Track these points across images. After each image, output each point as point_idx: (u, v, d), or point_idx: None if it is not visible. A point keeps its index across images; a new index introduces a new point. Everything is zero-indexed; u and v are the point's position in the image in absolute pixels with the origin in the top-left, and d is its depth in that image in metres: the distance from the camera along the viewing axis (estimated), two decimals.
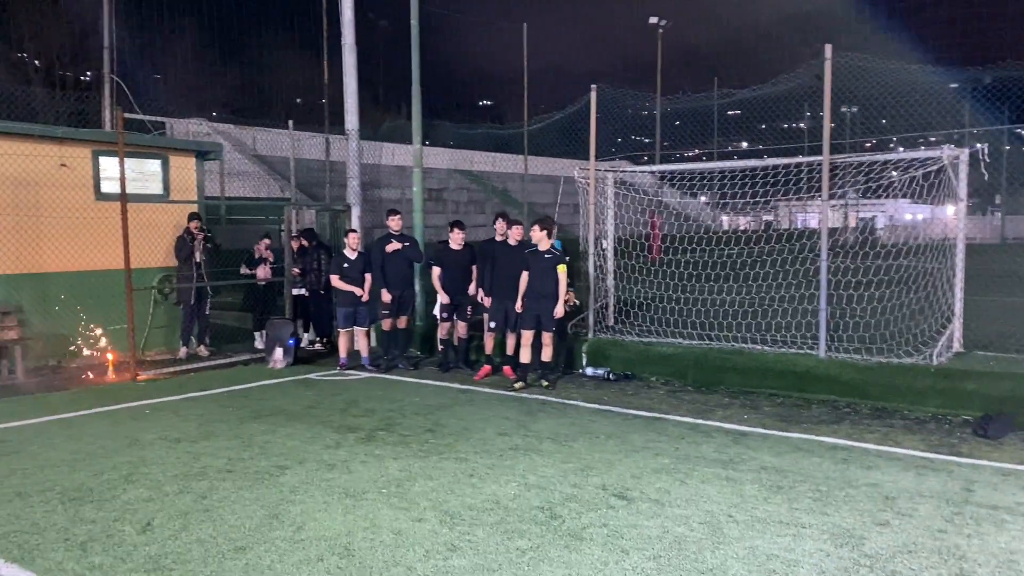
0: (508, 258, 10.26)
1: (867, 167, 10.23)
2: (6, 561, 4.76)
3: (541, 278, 9.71)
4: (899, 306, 10.10)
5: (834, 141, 35.97)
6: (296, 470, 6.50)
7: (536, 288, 9.74)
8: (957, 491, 5.97)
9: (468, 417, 8.37)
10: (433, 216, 27.76)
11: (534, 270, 9.76)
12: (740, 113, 50.25)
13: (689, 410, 8.69)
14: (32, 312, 10.91)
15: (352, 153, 13.16)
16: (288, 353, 11.45)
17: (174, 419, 8.31)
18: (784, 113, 43.44)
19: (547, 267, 9.70)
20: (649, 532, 5.16)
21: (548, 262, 9.71)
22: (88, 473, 6.45)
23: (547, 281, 9.68)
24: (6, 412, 8.64)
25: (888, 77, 30.09)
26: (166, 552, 4.87)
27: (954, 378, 8.45)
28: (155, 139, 14.04)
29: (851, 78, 31.41)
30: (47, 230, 11.08)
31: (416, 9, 12.73)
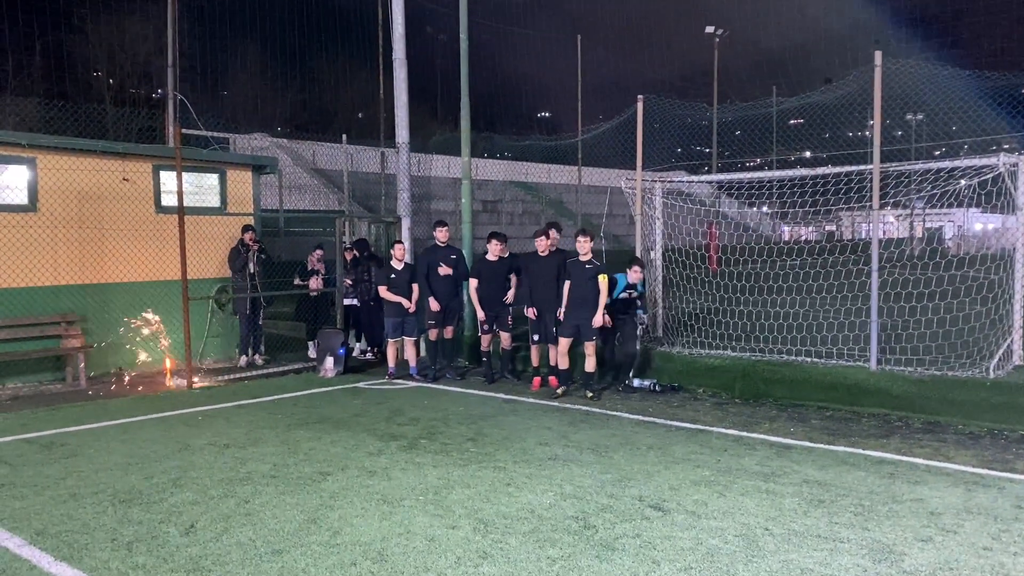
0: (543, 269, 10.29)
1: (928, 175, 9.99)
2: (55, 559, 4.96)
3: (581, 287, 9.74)
4: (959, 319, 9.82)
5: (900, 147, 35.12)
6: (337, 476, 6.62)
7: (576, 297, 9.77)
8: (1007, 508, 5.78)
9: (510, 427, 8.41)
10: (487, 227, 27.94)
11: (575, 279, 9.80)
12: (803, 122, 49.50)
13: (734, 422, 8.58)
14: (94, 321, 11.32)
15: (403, 166, 13.35)
16: (338, 362, 11.66)
17: (224, 425, 8.54)
18: (848, 121, 42.63)
19: (588, 277, 9.73)
20: (682, 544, 5.12)
21: (588, 272, 9.74)
22: (139, 476, 6.67)
23: (587, 290, 9.70)
24: (68, 417, 8.99)
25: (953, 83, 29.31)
26: (207, 554, 5.02)
27: (1011, 392, 8.19)
28: (212, 154, 14.46)
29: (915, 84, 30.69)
30: (109, 242, 11.51)
31: (465, 24, 12.90)
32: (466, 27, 12.99)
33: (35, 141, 11.10)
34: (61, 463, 7.12)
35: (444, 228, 11.45)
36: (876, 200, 9.11)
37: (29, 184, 10.83)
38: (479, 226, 27.80)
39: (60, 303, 11.11)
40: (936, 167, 9.16)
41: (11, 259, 10.56)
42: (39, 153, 10.88)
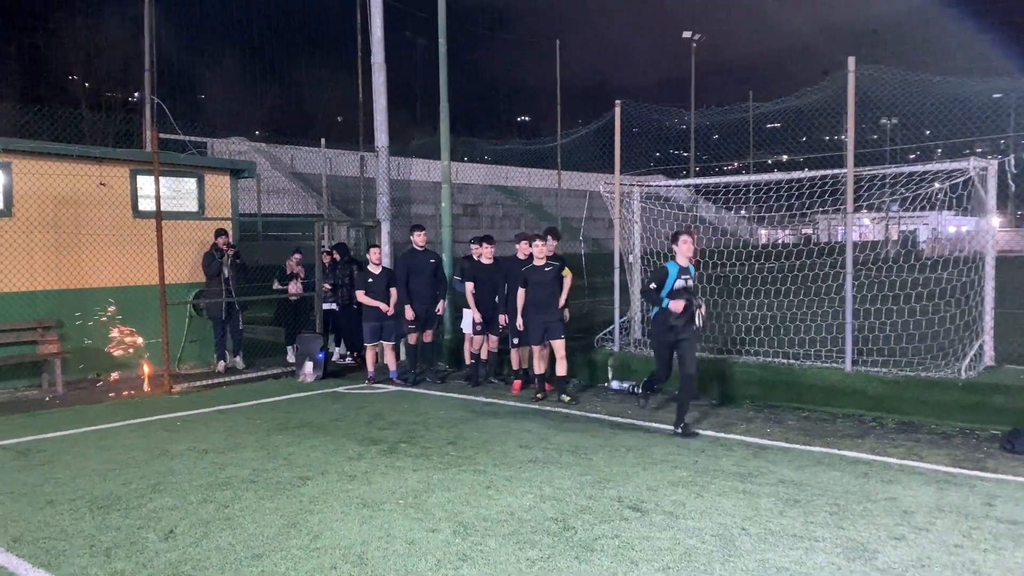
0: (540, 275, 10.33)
1: (901, 179, 10.12)
2: (33, 566, 4.94)
3: (544, 290, 9.82)
4: (934, 320, 9.94)
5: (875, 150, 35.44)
6: (317, 481, 6.63)
7: (540, 300, 9.84)
8: (978, 506, 5.89)
9: (490, 430, 8.44)
10: (468, 231, 27.99)
11: (534, 284, 9.88)
12: (780, 126, 49.94)
13: (712, 424, 8.67)
14: (71, 326, 11.24)
15: (382, 170, 13.36)
16: (318, 367, 11.65)
17: (204, 431, 8.51)
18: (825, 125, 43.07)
19: (548, 279, 9.83)
20: (660, 544, 5.18)
21: (550, 274, 9.85)
22: (117, 482, 6.64)
23: (549, 293, 9.80)
24: (45, 423, 8.93)
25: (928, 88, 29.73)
26: (186, 559, 5.01)
27: (982, 392, 8.33)
28: (190, 158, 14.39)
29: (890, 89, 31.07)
30: (86, 247, 11.44)
31: (443, 29, 12.94)
32: (444, 32, 13.04)
33: (10, 145, 11.00)
34: (38, 469, 7.07)
35: (422, 232, 11.44)
36: (850, 203, 9.24)
37: (4, 189, 10.74)
38: (459, 229, 27.82)
39: (36, 309, 11.02)
40: (908, 171, 9.31)
41: None
42: (14, 158, 10.80)
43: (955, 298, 9.87)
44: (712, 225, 35.67)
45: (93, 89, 41.51)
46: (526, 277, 9.99)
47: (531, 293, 9.95)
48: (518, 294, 10.01)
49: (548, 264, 9.97)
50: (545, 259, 9.99)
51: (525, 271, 10.04)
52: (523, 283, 10.00)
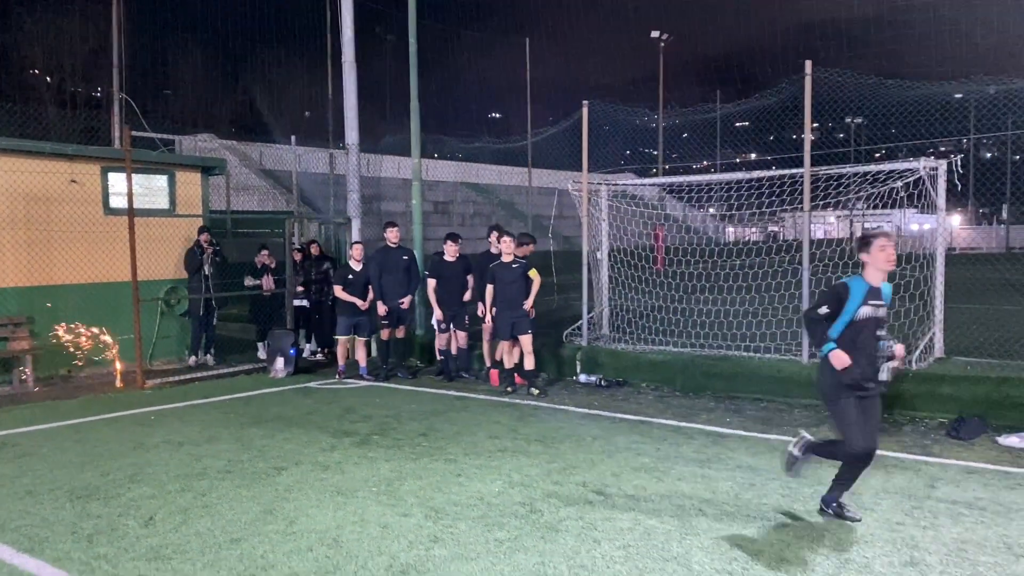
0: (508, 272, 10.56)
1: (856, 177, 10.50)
2: (17, 551, 5.09)
3: (510, 288, 10.08)
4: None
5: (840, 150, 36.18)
6: (292, 471, 6.82)
7: (507, 298, 10.11)
8: (921, 488, 6.24)
9: (461, 422, 8.68)
10: (438, 228, 28.15)
11: (501, 281, 10.14)
12: (749, 124, 50.71)
13: (675, 414, 8.98)
14: (42, 323, 11.29)
15: (352, 167, 13.53)
16: (289, 363, 11.80)
17: (178, 424, 8.65)
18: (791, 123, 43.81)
19: (515, 277, 10.09)
20: (622, 524, 5.46)
21: (515, 272, 10.10)
22: (95, 473, 6.79)
23: (516, 290, 10.06)
24: (18, 418, 9.01)
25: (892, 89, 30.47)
26: (166, 543, 5.20)
27: (930, 382, 8.72)
28: (161, 155, 14.46)
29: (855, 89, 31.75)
30: (58, 244, 11.48)
31: (414, 29, 13.13)
32: (415, 32, 13.23)
33: None
34: (15, 462, 7.19)
35: (395, 228, 11.62)
36: (807, 202, 9.60)
37: None
38: (430, 227, 27.94)
39: (7, 305, 11.06)
40: (863, 170, 9.69)
41: None
42: None
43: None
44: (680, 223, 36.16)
45: (57, 85, 41.07)
46: (493, 273, 10.24)
47: (498, 289, 10.21)
48: (487, 289, 10.27)
49: (515, 262, 10.24)
50: (512, 256, 10.25)
51: (493, 267, 10.30)
52: (491, 279, 10.26)
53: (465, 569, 4.74)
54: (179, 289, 12.64)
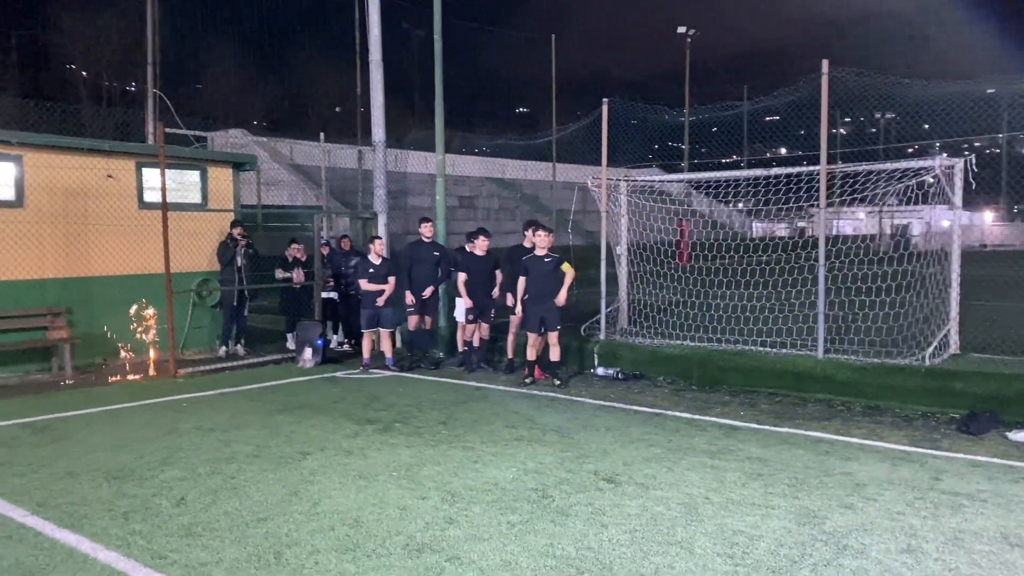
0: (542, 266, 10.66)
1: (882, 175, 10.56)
2: (58, 527, 5.43)
3: (543, 281, 10.26)
4: (911, 311, 10.37)
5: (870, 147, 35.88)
6: (317, 456, 7.12)
7: (538, 291, 10.30)
8: (925, 480, 6.39)
9: (480, 411, 8.94)
10: (464, 223, 28.44)
11: (534, 274, 10.33)
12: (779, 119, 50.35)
13: (689, 407, 9.17)
14: (79, 313, 11.71)
15: (379, 163, 13.82)
16: (317, 353, 12.13)
17: (209, 411, 9.00)
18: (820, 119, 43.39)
19: (547, 270, 10.27)
20: (630, 511, 5.68)
21: (548, 265, 10.28)
22: (130, 456, 7.14)
23: (548, 283, 10.24)
24: (57, 404, 9.41)
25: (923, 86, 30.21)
26: (197, 522, 5.51)
27: (943, 378, 8.83)
28: (194, 152, 14.87)
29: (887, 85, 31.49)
30: (94, 237, 11.90)
31: (439, 27, 13.38)
32: (440, 30, 13.48)
33: (23, 139, 11.46)
34: (55, 445, 7.56)
35: (429, 224, 11.98)
36: (823, 199, 9.72)
37: (16, 181, 11.20)
38: (456, 221, 28.26)
39: (46, 296, 11.49)
40: (879, 168, 9.78)
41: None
42: (26, 151, 11.25)
43: (925, 288, 10.37)
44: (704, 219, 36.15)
45: (92, 81, 41.88)
46: (526, 266, 10.44)
47: (530, 282, 10.41)
48: (519, 281, 10.45)
49: (548, 256, 10.41)
50: (546, 251, 10.43)
51: (526, 260, 10.50)
52: (523, 271, 10.44)
53: (477, 549, 5.00)
54: (211, 281, 13.03)
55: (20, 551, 5.02)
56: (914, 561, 4.82)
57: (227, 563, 4.80)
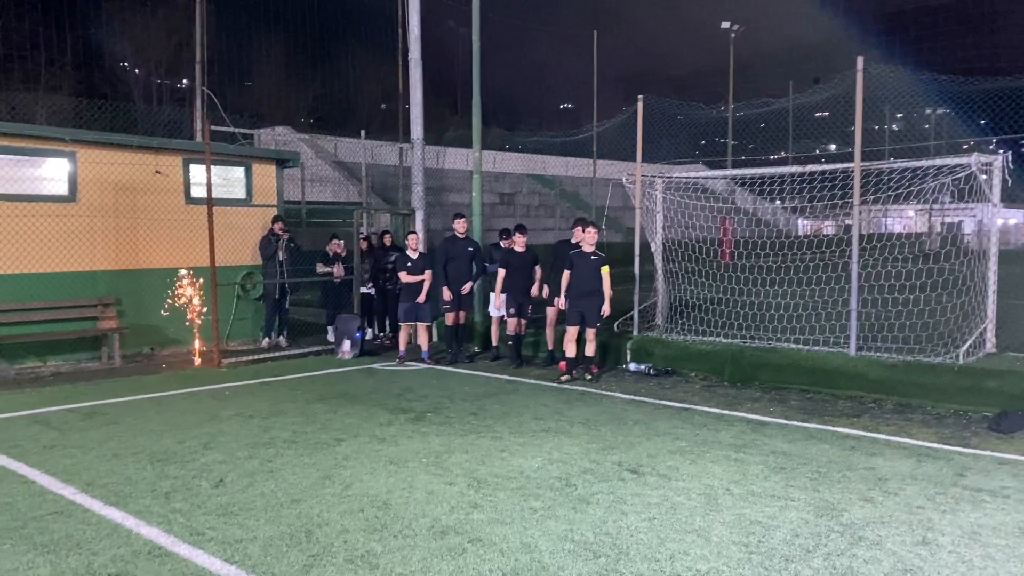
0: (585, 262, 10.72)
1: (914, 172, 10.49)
2: (105, 504, 5.73)
3: (587, 277, 10.38)
4: (948, 309, 10.30)
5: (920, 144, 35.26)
6: (350, 442, 7.37)
7: (581, 286, 10.42)
8: (949, 476, 6.42)
9: (510, 403, 9.12)
10: (503, 220, 28.62)
11: (580, 269, 10.44)
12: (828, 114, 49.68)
13: (719, 403, 9.24)
14: (128, 304, 12.15)
15: (417, 161, 14.07)
16: (355, 345, 12.43)
17: (249, 399, 9.32)
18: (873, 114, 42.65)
19: (592, 267, 10.37)
20: (650, 500, 5.82)
21: (593, 263, 10.38)
22: (173, 440, 7.46)
23: (592, 280, 10.34)
24: (106, 391, 9.82)
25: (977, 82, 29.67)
26: (234, 502, 5.77)
27: (976, 376, 8.78)
28: (239, 148, 15.28)
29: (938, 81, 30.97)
30: (142, 231, 12.33)
31: (477, 25, 13.57)
32: (478, 30, 13.67)
33: (76, 136, 11.93)
34: (102, 429, 7.92)
35: (463, 220, 12.20)
36: (857, 196, 9.70)
37: (70, 176, 11.66)
38: (496, 218, 28.48)
39: (97, 287, 11.94)
40: (914, 165, 9.74)
41: (53, 246, 11.39)
42: (80, 147, 11.71)
43: (963, 287, 10.29)
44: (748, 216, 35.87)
45: (143, 78, 42.94)
46: (572, 260, 10.55)
47: (574, 277, 10.53)
48: (564, 275, 10.57)
49: (594, 254, 10.51)
50: (593, 248, 10.52)
51: (572, 254, 10.63)
52: (569, 265, 10.56)
53: (499, 532, 5.18)
54: (254, 274, 13.41)
55: (70, 525, 5.33)
56: (928, 553, 4.89)
57: (261, 540, 5.05)
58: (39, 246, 11.27)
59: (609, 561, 4.74)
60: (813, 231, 42.30)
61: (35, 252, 11.24)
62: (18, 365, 11.19)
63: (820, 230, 43.60)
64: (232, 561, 4.75)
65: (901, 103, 44.04)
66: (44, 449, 7.19)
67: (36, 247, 11.24)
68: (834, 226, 46.92)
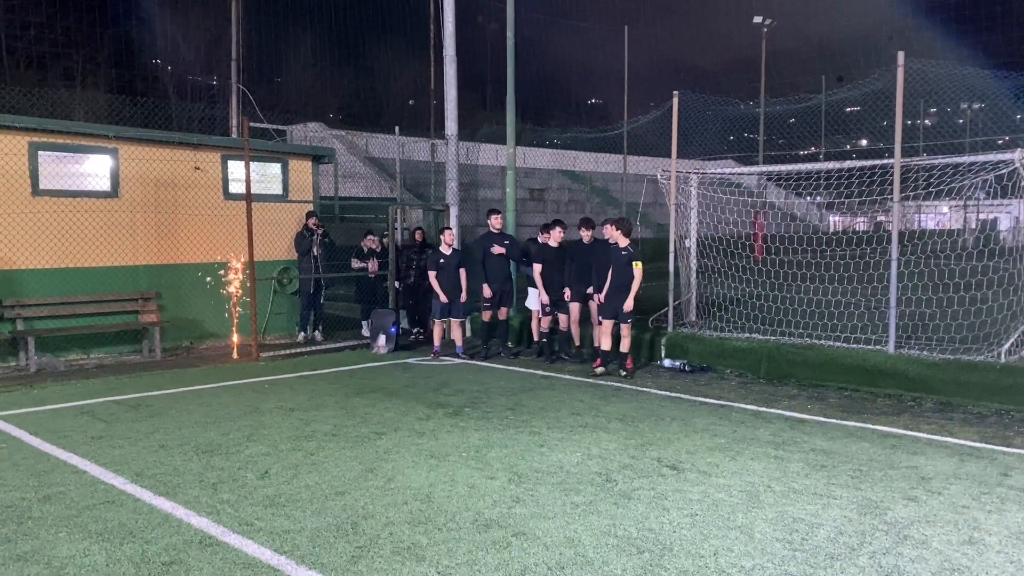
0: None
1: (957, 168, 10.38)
2: (155, 494, 5.86)
3: (618, 272, 10.39)
4: (991, 308, 10.18)
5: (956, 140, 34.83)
6: (391, 436, 7.46)
7: (614, 281, 10.43)
8: (994, 475, 6.36)
9: (547, 399, 9.17)
10: (534, 215, 28.67)
11: (616, 265, 10.45)
12: (860, 109, 49.12)
13: (756, 400, 9.22)
14: (168, 298, 12.35)
15: (451, 157, 14.14)
16: (390, 340, 12.53)
17: (289, 393, 9.45)
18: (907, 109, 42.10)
19: (624, 263, 10.37)
20: (691, 496, 5.83)
21: (624, 258, 10.39)
22: (217, 433, 7.59)
23: (623, 275, 10.36)
24: (149, 383, 10.00)
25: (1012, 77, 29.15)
26: (280, 493, 5.87)
27: (1019, 375, 8.67)
28: (276, 145, 15.46)
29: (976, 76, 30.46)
30: (182, 226, 12.52)
31: (512, 23, 13.60)
32: (512, 25, 13.70)
33: (119, 133, 12.13)
34: (148, 421, 8.08)
35: (498, 215, 12.25)
36: (897, 193, 9.61)
37: (112, 172, 11.86)
38: (526, 213, 28.48)
39: (138, 281, 12.14)
40: (955, 161, 9.63)
41: (96, 241, 11.60)
42: (122, 144, 11.91)
43: (1003, 286, 10.16)
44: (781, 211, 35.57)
45: (178, 77, 43.47)
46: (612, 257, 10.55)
47: (602, 271, 10.55)
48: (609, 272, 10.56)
49: (624, 249, 10.51)
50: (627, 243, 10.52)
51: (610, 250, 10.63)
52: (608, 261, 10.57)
53: (543, 526, 5.22)
54: (291, 269, 13.56)
55: (123, 515, 5.45)
56: (975, 553, 4.86)
57: (308, 531, 5.14)
58: (83, 241, 11.48)
59: (653, 556, 4.77)
60: (844, 227, 41.87)
61: (79, 247, 11.46)
62: (62, 357, 11.42)
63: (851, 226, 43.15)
64: (281, 551, 4.84)
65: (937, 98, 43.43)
66: (92, 440, 7.35)
67: (80, 242, 11.46)
68: (865, 222, 46.38)
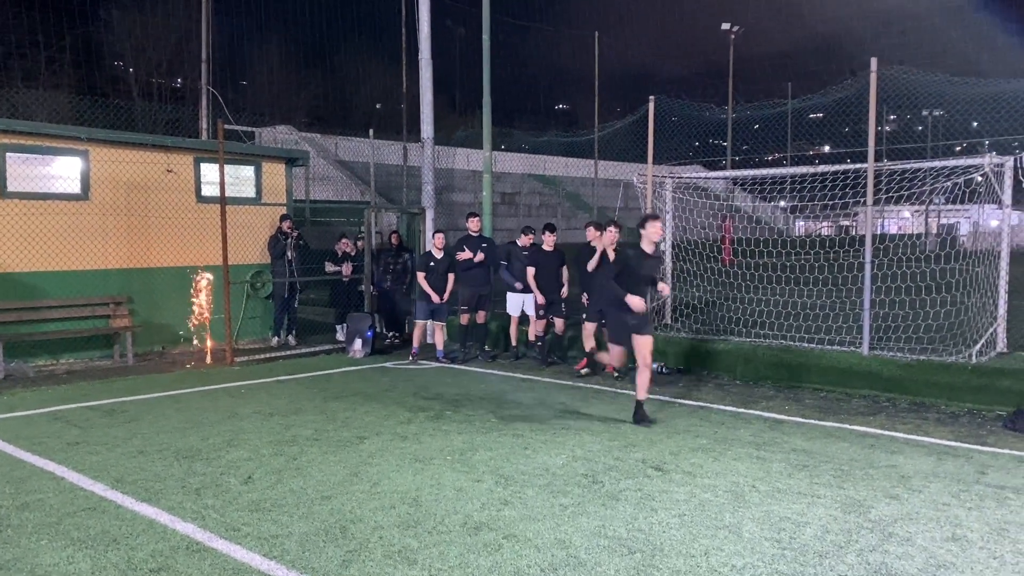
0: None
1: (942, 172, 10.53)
2: (137, 500, 5.76)
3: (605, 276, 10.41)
4: (958, 310, 10.39)
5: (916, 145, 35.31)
6: (373, 440, 7.41)
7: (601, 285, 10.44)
8: (971, 473, 6.48)
9: (528, 401, 9.17)
10: (506, 219, 28.71)
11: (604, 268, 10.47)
12: (823, 116, 49.87)
13: (734, 401, 9.31)
14: (140, 302, 12.17)
15: (427, 160, 14.11)
16: (367, 344, 12.46)
17: (267, 397, 9.35)
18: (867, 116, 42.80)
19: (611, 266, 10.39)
20: (678, 496, 5.87)
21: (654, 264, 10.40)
22: (196, 438, 7.49)
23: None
24: (123, 388, 9.84)
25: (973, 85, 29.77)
26: (265, 498, 5.81)
27: (990, 375, 8.86)
28: (250, 148, 15.30)
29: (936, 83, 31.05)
30: (154, 229, 12.34)
31: (487, 25, 13.60)
32: (488, 29, 13.71)
33: (90, 135, 11.94)
34: (125, 426, 7.94)
35: (476, 219, 12.24)
36: (870, 197, 9.78)
37: (82, 174, 11.67)
38: (498, 218, 28.44)
39: (109, 285, 11.95)
40: (927, 166, 9.81)
41: (65, 244, 11.41)
42: (92, 146, 11.72)
43: (971, 288, 10.37)
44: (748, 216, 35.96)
45: (143, 77, 42.86)
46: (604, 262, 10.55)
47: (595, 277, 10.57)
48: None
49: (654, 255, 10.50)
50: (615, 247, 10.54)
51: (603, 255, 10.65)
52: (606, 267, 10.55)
53: (532, 528, 5.22)
54: (264, 273, 13.43)
55: (105, 521, 5.35)
56: (959, 549, 4.95)
57: (297, 536, 5.09)
58: (53, 244, 11.28)
59: (644, 557, 4.79)
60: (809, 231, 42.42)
61: (48, 250, 11.26)
62: (31, 363, 11.19)
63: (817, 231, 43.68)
64: (271, 556, 4.78)
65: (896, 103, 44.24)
66: (68, 446, 7.21)
67: (50, 245, 11.26)
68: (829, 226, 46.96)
